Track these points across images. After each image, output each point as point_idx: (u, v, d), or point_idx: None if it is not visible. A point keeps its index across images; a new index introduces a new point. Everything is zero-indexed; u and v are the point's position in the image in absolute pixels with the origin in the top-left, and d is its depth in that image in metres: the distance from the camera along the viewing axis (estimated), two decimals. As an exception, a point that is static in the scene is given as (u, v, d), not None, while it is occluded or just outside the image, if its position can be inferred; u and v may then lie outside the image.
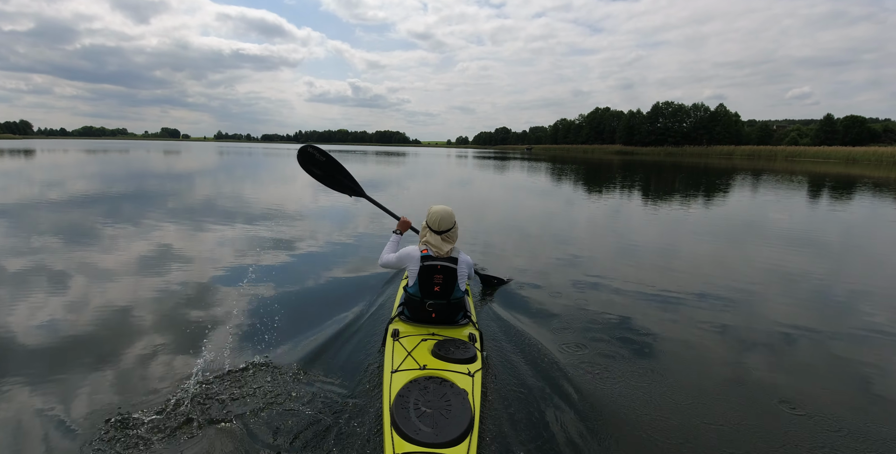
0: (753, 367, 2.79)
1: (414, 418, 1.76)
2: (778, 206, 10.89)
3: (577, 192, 13.44)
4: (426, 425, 1.73)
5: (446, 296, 2.51)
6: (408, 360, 2.16)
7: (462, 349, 2.27)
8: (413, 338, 2.40)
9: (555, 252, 5.70)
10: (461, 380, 2.04)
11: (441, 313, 2.53)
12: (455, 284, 2.50)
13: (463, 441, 1.69)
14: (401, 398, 1.87)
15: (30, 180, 13.28)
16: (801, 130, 69.61)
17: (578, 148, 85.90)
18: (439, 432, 1.70)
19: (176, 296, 3.74)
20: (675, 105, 74.68)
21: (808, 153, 51.21)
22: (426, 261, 2.47)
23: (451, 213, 2.59)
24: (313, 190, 12.19)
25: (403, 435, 1.68)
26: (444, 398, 1.89)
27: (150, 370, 2.56)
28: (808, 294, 4.29)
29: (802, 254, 5.84)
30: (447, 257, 2.49)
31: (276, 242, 5.76)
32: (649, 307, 3.75)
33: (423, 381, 2.00)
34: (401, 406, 1.82)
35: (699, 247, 6.23)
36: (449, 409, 1.82)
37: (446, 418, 1.77)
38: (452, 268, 2.47)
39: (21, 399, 2.26)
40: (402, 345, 2.31)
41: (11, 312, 3.33)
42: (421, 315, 2.55)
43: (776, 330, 3.35)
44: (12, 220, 6.95)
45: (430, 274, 2.46)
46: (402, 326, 2.55)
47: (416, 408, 1.82)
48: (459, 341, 2.37)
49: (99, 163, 22.99)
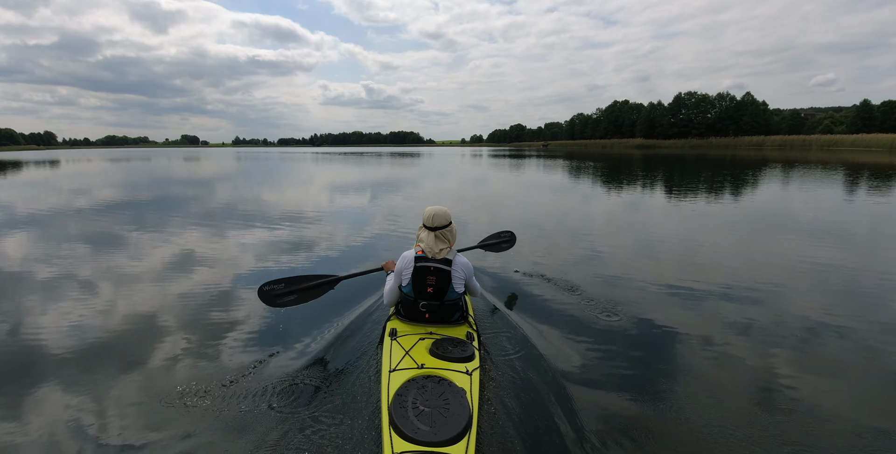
0: (779, 365, 2.71)
1: (412, 417, 1.79)
2: (830, 201, 10.49)
3: (596, 189, 13.24)
4: (424, 424, 1.75)
5: (439, 297, 2.52)
6: (406, 359, 2.19)
7: (460, 348, 2.29)
8: (411, 337, 2.43)
9: (567, 248, 5.66)
10: (459, 378, 2.07)
11: (434, 314, 2.56)
12: (449, 286, 2.50)
13: (461, 439, 1.71)
14: (399, 397, 1.90)
15: (58, 189, 13.93)
16: (834, 118, 66.70)
17: (597, 143, 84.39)
18: (438, 431, 1.72)
19: (176, 299, 3.90)
20: (699, 95, 72.61)
21: (846, 142, 48.91)
22: (419, 261, 2.48)
23: (446, 211, 2.61)
24: (319, 194, 12.40)
25: (402, 434, 1.71)
26: (442, 397, 1.91)
27: (150, 371, 2.68)
28: (843, 289, 4.13)
29: (849, 250, 5.62)
30: (441, 259, 2.50)
31: (281, 244, 5.90)
32: (657, 302, 3.72)
33: (422, 380, 2.03)
34: (399, 405, 1.85)
35: (725, 241, 6.07)
36: (447, 408, 1.85)
37: (444, 417, 1.80)
38: (446, 271, 2.48)
39: (50, 399, 2.40)
40: (399, 345, 2.34)
41: (43, 315, 3.53)
42: (415, 315, 2.58)
43: (805, 326, 3.26)
44: (42, 227, 7.31)
45: (423, 275, 2.48)
46: (400, 325, 2.59)
47: (415, 407, 1.84)
48: (457, 340, 2.39)
49: (120, 171, 23.90)
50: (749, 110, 66.73)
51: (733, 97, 69.58)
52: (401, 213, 8.68)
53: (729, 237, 6.42)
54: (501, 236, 4.33)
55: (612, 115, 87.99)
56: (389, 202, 10.49)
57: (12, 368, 2.73)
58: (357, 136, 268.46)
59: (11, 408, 2.32)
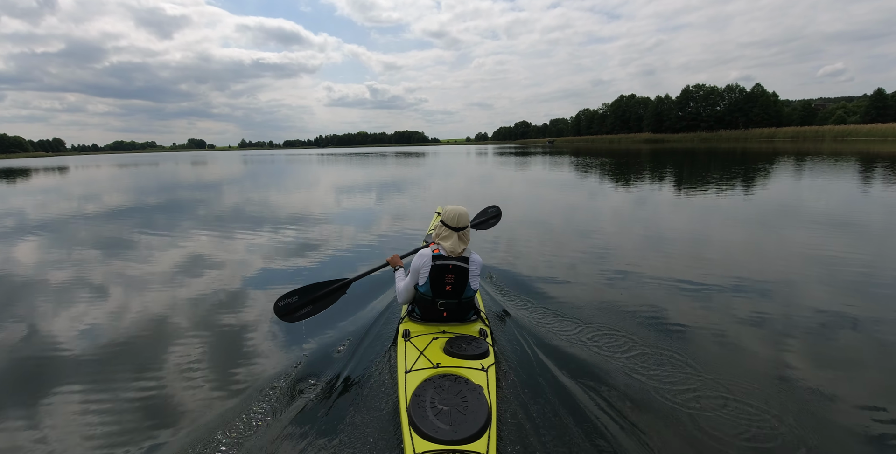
0: (792, 360, 2.70)
1: (431, 417, 1.80)
2: (849, 192, 10.33)
3: (603, 185, 13.17)
4: (444, 423, 1.76)
5: (458, 295, 2.54)
6: (421, 360, 2.21)
7: (474, 345, 2.30)
8: (424, 337, 2.44)
9: (576, 244, 5.64)
10: (476, 375, 2.07)
11: (452, 312, 2.57)
12: (466, 283, 2.53)
13: (482, 436, 1.71)
14: (417, 397, 1.91)
15: (68, 195, 14.16)
16: (846, 108, 65.56)
17: (604, 138, 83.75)
18: (458, 429, 1.73)
19: (189, 302, 3.95)
20: (707, 88, 71.76)
21: (861, 132, 48.00)
22: (438, 260, 2.50)
23: (467, 212, 2.63)
24: (326, 195, 12.46)
25: (422, 434, 1.72)
26: (459, 395, 1.92)
27: (164, 373, 2.72)
28: (854, 282, 4.08)
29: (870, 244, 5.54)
30: (459, 257, 2.52)
31: (291, 247, 5.95)
32: (670, 294, 3.72)
33: (438, 379, 2.04)
34: (417, 405, 1.86)
35: (742, 236, 6.01)
36: (466, 406, 1.85)
37: (464, 415, 1.80)
38: (464, 268, 2.50)
39: (64, 401, 2.45)
40: (413, 345, 2.36)
41: (56, 319, 3.60)
42: (432, 314, 2.59)
43: (818, 320, 3.22)
44: (53, 233, 7.44)
45: (442, 273, 2.50)
46: (413, 326, 2.60)
47: (433, 407, 1.85)
48: (471, 337, 2.40)
49: (129, 176, 24.24)
50: (759, 102, 65.81)
51: (743, 89, 68.68)
52: (407, 214, 8.71)
53: (747, 231, 6.35)
54: (488, 213, 4.43)
55: (619, 110, 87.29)
56: (396, 202, 10.53)
57: (26, 370, 2.80)
58: (362, 136, 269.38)
59: (26, 409, 2.38)
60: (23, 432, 2.21)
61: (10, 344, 3.18)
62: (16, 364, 2.91)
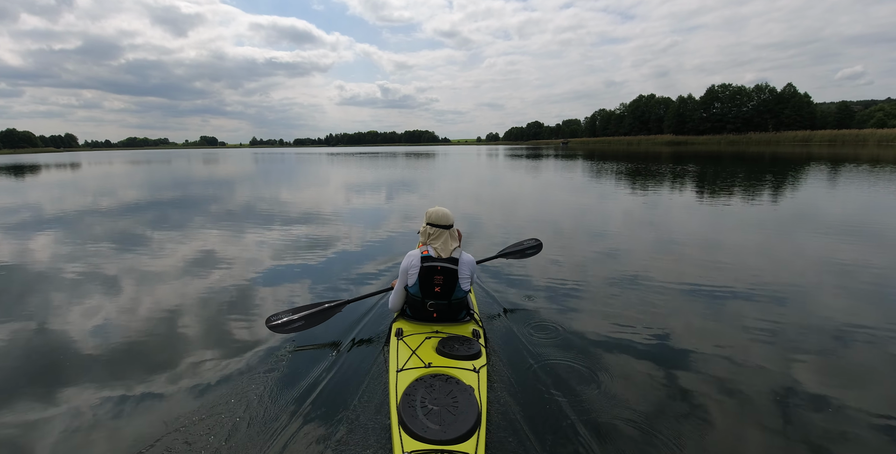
0: (804, 370, 2.68)
1: (421, 416, 1.85)
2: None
3: (620, 190, 13.06)
4: (434, 422, 1.81)
5: (447, 296, 2.59)
6: (413, 359, 2.27)
7: (466, 345, 2.36)
8: (417, 336, 2.50)
9: (580, 246, 5.63)
10: (467, 376, 2.13)
11: (442, 313, 2.64)
12: (456, 285, 2.58)
13: (471, 437, 1.77)
14: (407, 397, 1.97)
15: (82, 190, 14.62)
16: (885, 110, 63.71)
17: (621, 140, 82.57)
18: (447, 429, 1.78)
19: (190, 299, 4.08)
20: (734, 87, 70.55)
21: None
22: (426, 261, 2.56)
23: (449, 212, 2.70)
24: (326, 195, 12.62)
25: (411, 433, 1.77)
26: (450, 395, 1.98)
27: (160, 369, 2.81)
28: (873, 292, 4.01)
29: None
30: (448, 258, 2.57)
31: (300, 245, 6.08)
32: (673, 299, 3.73)
33: (429, 379, 2.09)
34: (407, 404, 1.92)
35: (773, 247, 5.93)
36: (456, 406, 1.91)
37: (453, 415, 1.86)
38: (453, 270, 2.55)
39: (76, 396, 2.55)
40: (406, 344, 2.42)
41: (69, 314, 3.76)
42: (423, 314, 2.66)
43: (833, 329, 3.19)
44: (67, 228, 7.72)
45: (431, 274, 2.55)
46: (406, 325, 2.66)
47: (423, 406, 1.91)
48: (463, 338, 2.46)
49: (141, 172, 24.88)
50: (791, 103, 64.43)
51: (773, 89, 67.32)
52: (417, 214, 8.79)
53: (777, 242, 6.26)
54: (524, 244, 4.28)
55: (637, 111, 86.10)
56: (405, 201, 10.63)
57: (40, 364, 2.93)
58: (372, 135, 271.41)
59: (39, 402, 2.48)
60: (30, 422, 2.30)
61: (22, 335, 3.33)
62: (26, 353, 3.04)
